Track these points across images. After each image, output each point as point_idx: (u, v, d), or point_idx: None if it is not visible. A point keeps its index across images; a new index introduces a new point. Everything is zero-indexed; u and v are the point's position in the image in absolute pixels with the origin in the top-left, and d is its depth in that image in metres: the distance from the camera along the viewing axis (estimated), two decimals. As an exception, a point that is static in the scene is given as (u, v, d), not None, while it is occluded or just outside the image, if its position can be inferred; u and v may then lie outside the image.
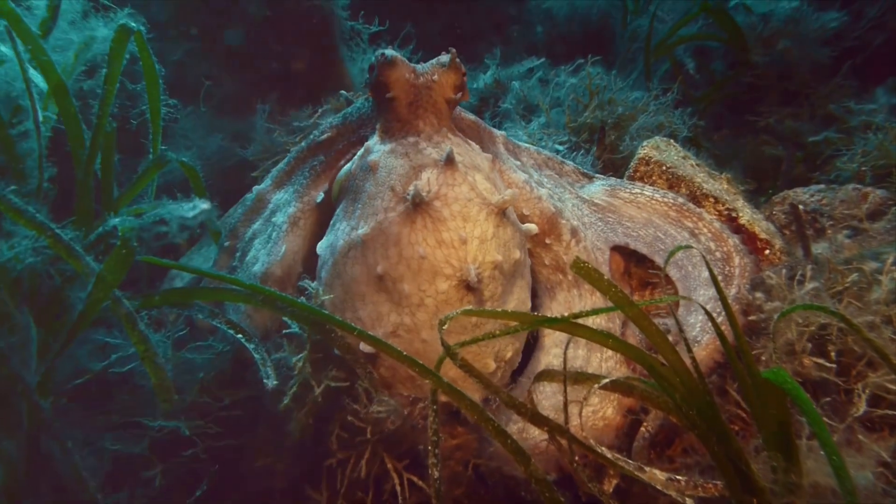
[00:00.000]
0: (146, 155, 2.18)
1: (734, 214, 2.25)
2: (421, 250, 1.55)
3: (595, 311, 1.48)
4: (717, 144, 3.20)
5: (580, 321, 1.46)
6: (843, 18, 3.05)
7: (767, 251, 2.22)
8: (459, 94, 1.78)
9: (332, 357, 1.70)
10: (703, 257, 1.57)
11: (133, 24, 1.71)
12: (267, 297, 1.71)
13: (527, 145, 2.23)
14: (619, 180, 2.23)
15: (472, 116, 2.07)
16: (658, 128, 2.88)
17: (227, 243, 2.09)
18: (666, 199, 2.13)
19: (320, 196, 1.95)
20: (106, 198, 1.82)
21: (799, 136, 2.99)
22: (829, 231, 2.29)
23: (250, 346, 1.71)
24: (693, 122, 2.86)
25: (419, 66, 1.75)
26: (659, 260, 2.06)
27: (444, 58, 1.77)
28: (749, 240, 2.18)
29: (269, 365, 1.59)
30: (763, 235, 2.23)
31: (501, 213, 1.62)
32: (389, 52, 1.73)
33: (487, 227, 1.59)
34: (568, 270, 1.99)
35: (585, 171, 2.29)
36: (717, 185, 2.38)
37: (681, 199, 2.13)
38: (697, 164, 2.44)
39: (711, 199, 2.26)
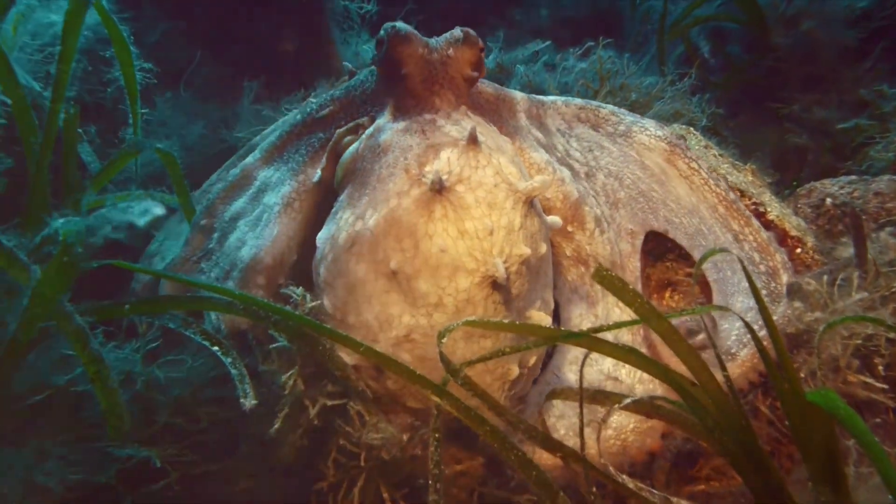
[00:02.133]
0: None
1: (762, 209, 2.06)
2: (440, 242, 1.36)
3: (618, 325, 1.30)
4: (736, 132, 3.00)
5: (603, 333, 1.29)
6: (874, -3, 2.85)
7: (799, 249, 2.03)
8: (476, 72, 1.62)
9: (326, 369, 1.52)
10: (743, 265, 1.37)
11: None
12: (250, 306, 1.53)
13: (554, 98, 2.02)
14: (679, 137, 1.98)
15: (490, 88, 1.88)
16: (674, 115, 2.68)
17: (203, 221, 1.86)
18: (719, 190, 1.93)
19: (317, 175, 1.72)
20: (67, 192, 1.62)
21: (826, 124, 2.79)
22: (866, 228, 2.10)
23: (227, 361, 1.53)
24: (712, 111, 2.66)
25: (432, 41, 1.59)
26: (698, 257, 1.88)
27: (458, 32, 1.60)
28: (779, 237, 2.00)
29: (247, 382, 1.41)
30: (794, 233, 2.05)
31: (529, 201, 1.44)
32: (401, 24, 1.57)
33: (515, 216, 1.41)
34: (591, 262, 1.80)
35: (627, 114, 2.03)
36: (741, 177, 2.18)
37: (732, 195, 1.93)
38: (720, 155, 2.25)
39: (737, 193, 2.07)
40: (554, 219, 1.67)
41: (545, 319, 1.48)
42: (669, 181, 1.94)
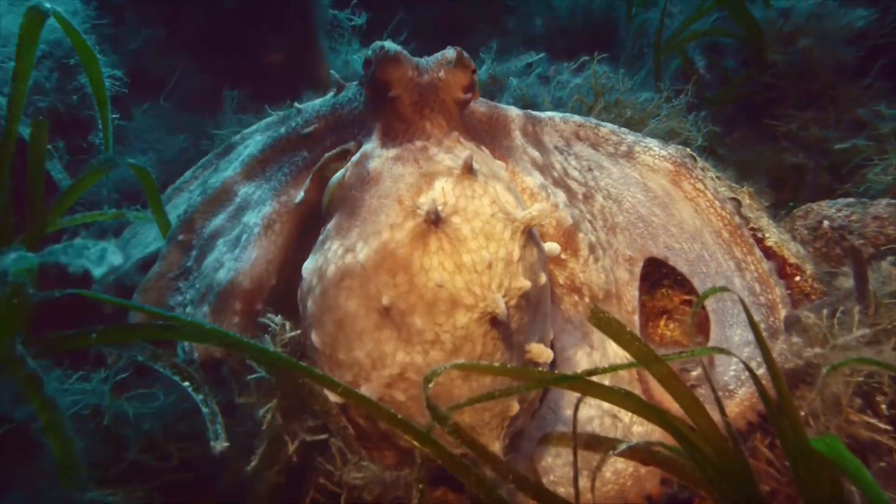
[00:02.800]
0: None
1: (760, 235, 2.00)
2: (437, 276, 1.30)
3: (614, 368, 1.23)
4: (731, 150, 2.95)
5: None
6: (873, 16, 2.79)
7: (798, 277, 1.98)
8: (469, 95, 1.56)
9: (306, 403, 1.44)
10: (741, 299, 1.31)
11: (47, 5, 1.40)
12: (226, 339, 1.45)
13: (552, 115, 1.95)
14: (685, 155, 1.92)
15: (482, 107, 1.81)
16: (669, 134, 2.63)
17: (180, 236, 1.77)
18: (724, 213, 1.87)
19: (300, 196, 1.65)
20: (32, 215, 1.52)
21: (823, 143, 2.74)
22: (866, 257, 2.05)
23: (198, 398, 1.44)
24: (708, 129, 2.60)
25: (422, 62, 1.54)
26: (698, 285, 1.82)
27: (450, 52, 1.54)
28: (777, 264, 1.94)
29: (218, 422, 1.32)
30: (793, 260, 1.99)
31: (528, 230, 1.39)
32: (389, 44, 1.50)
33: (513, 247, 1.35)
34: (584, 291, 1.74)
35: (628, 133, 1.97)
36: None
37: (738, 219, 1.87)
38: (717, 177, 2.18)
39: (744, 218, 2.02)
40: (552, 245, 1.61)
41: (545, 353, 1.42)
42: (673, 204, 1.88)
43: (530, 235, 1.41)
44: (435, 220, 1.31)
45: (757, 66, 3.03)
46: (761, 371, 1.68)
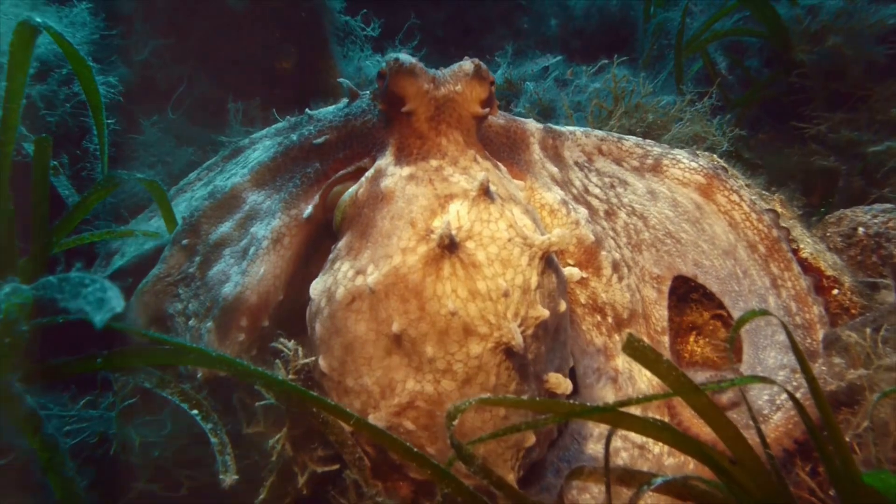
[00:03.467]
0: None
1: (794, 246, 1.90)
2: (450, 304, 1.24)
3: (649, 398, 1.14)
4: (757, 153, 2.84)
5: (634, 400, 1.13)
6: (905, 12, 2.68)
7: (836, 291, 1.88)
8: (487, 109, 1.50)
9: (317, 431, 1.38)
10: (787, 329, 1.22)
11: (38, 19, 1.34)
12: (233, 366, 1.38)
13: (573, 129, 1.88)
14: (717, 167, 1.83)
15: (500, 120, 1.75)
16: (693, 139, 2.53)
17: (185, 240, 1.71)
18: (761, 227, 1.77)
19: (308, 210, 1.59)
20: (36, 238, 1.47)
21: (855, 146, 2.63)
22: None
23: (207, 427, 1.38)
24: (735, 133, 2.51)
25: (437, 73, 1.48)
26: (729, 304, 1.74)
27: (467, 65, 1.48)
28: (813, 277, 1.84)
29: (228, 453, 1.26)
30: (830, 272, 1.89)
31: (546, 256, 1.33)
32: (404, 56, 1.45)
33: (531, 274, 1.29)
34: (608, 311, 1.67)
35: (655, 145, 1.89)
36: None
37: (776, 232, 1.77)
38: (746, 185, 2.09)
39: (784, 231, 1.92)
40: (572, 270, 1.55)
41: (563, 383, 1.36)
42: (704, 218, 1.80)
43: (549, 261, 1.35)
44: (449, 245, 1.25)
45: (783, 65, 2.92)
46: (799, 394, 1.60)
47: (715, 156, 1.97)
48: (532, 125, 1.79)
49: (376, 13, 3.25)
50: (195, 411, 1.38)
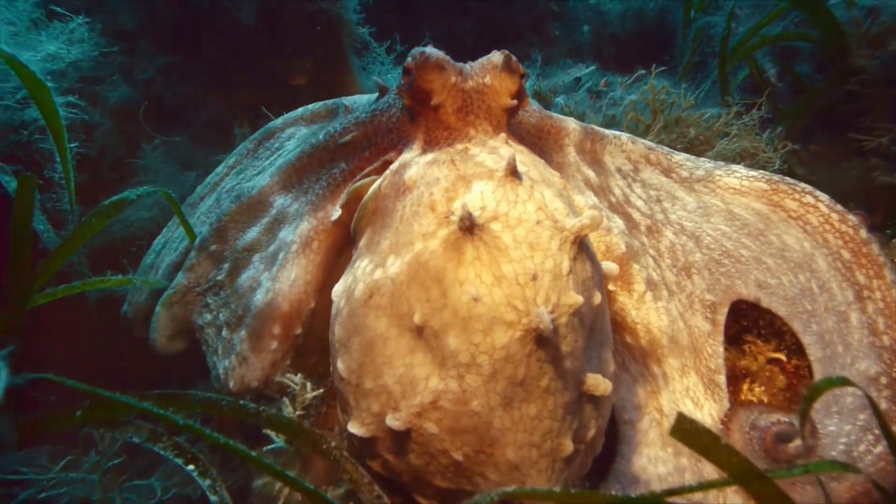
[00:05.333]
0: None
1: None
2: (473, 290, 1.15)
3: (708, 485, 0.94)
4: (811, 169, 2.60)
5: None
6: (980, 11, 2.42)
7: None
8: (517, 102, 1.46)
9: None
10: (873, 403, 1.01)
11: None
12: (234, 407, 1.32)
13: (619, 134, 1.74)
14: (781, 178, 1.67)
15: (532, 118, 1.64)
16: (741, 155, 2.31)
17: (212, 246, 1.68)
18: (845, 228, 1.58)
19: (336, 212, 1.55)
20: (13, 284, 1.34)
21: (924, 162, 2.38)
22: None
23: (204, 484, 1.27)
24: (788, 149, 2.28)
25: (466, 66, 1.46)
26: (799, 328, 1.55)
27: (496, 56, 1.45)
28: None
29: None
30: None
31: (579, 241, 1.22)
32: (431, 50, 1.44)
33: (562, 258, 1.19)
34: (639, 332, 1.52)
35: (706, 161, 1.75)
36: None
37: (864, 233, 1.57)
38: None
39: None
40: (610, 265, 1.38)
41: (602, 384, 1.23)
42: (771, 229, 1.62)
43: (582, 247, 1.24)
44: (469, 227, 1.16)
45: (838, 72, 2.67)
46: (880, 449, 1.38)
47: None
48: (571, 124, 1.67)
49: (400, 24, 3.11)
50: (191, 466, 1.28)
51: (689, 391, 1.53)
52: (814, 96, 2.70)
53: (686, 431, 0.90)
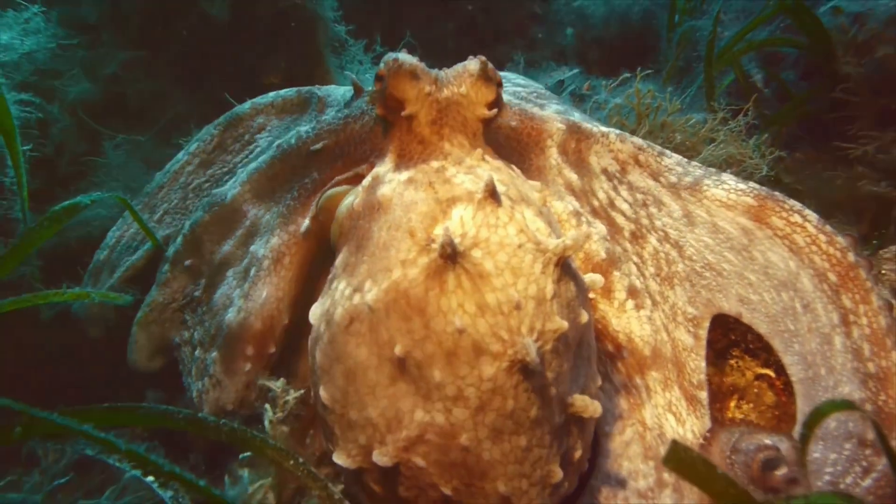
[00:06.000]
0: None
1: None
2: (457, 321, 1.13)
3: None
4: (797, 178, 2.56)
5: None
6: (968, 19, 2.39)
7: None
8: (494, 111, 1.43)
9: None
10: (877, 427, 0.94)
11: None
12: (192, 420, 1.24)
13: (607, 131, 1.68)
14: (770, 193, 1.62)
15: (513, 120, 1.60)
16: (727, 161, 2.26)
17: (188, 261, 1.64)
18: (832, 251, 1.54)
19: (305, 224, 1.53)
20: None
21: (911, 171, 2.34)
22: None
23: (166, 496, 1.19)
24: (776, 155, 2.23)
25: (440, 74, 1.42)
26: (780, 347, 1.50)
27: (472, 64, 1.41)
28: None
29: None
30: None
31: (562, 262, 1.21)
32: (403, 56, 1.40)
33: (545, 282, 1.18)
34: (621, 341, 1.48)
35: (698, 166, 1.70)
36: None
37: (852, 256, 1.52)
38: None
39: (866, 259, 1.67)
40: (594, 277, 1.34)
41: (590, 405, 1.21)
42: (755, 245, 1.58)
43: (566, 267, 1.22)
44: (451, 255, 1.13)
45: (824, 79, 2.63)
46: (868, 482, 1.32)
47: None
48: (553, 124, 1.62)
49: (380, 24, 3.03)
50: (150, 478, 1.17)
51: (672, 406, 1.48)
52: (799, 103, 2.66)
53: (680, 460, 0.83)
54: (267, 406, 1.44)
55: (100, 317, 1.77)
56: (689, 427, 1.46)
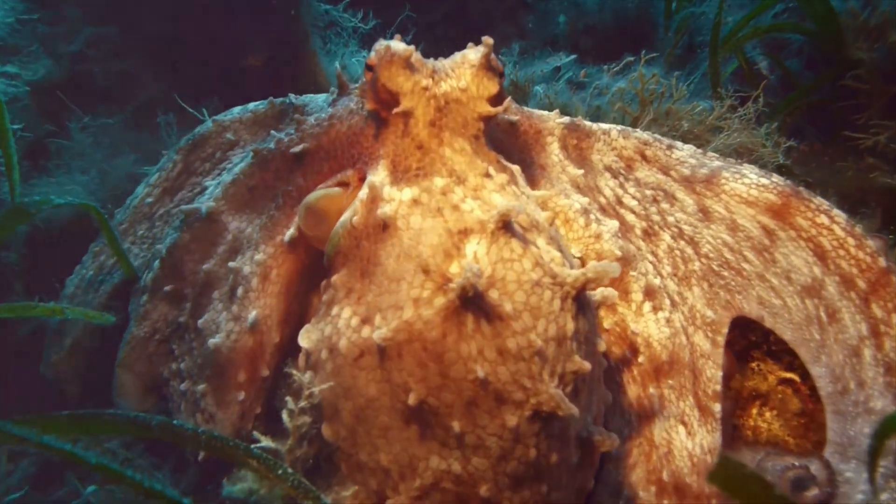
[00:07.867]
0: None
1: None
2: (477, 368, 1.08)
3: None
4: (806, 169, 2.45)
5: None
6: (985, 3, 2.29)
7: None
8: (496, 107, 1.32)
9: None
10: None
11: None
12: (167, 428, 1.14)
13: (608, 127, 1.60)
14: (794, 190, 1.51)
15: (511, 118, 1.51)
16: (737, 151, 2.14)
17: (167, 287, 1.49)
18: (862, 255, 1.44)
19: (289, 234, 1.40)
20: None
21: (926, 161, 2.25)
22: None
23: None
24: (787, 144, 2.13)
25: (438, 65, 1.31)
26: (807, 358, 1.41)
27: (473, 54, 1.30)
28: None
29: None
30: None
31: (580, 294, 1.15)
32: (396, 44, 1.29)
33: (565, 320, 1.13)
34: (639, 346, 1.39)
35: (716, 158, 1.60)
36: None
37: (883, 262, 1.43)
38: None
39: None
40: (607, 292, 1.25)
41: (607, 440, 1.19)
42: (777, 247, 1.48)
43: (581, 301, 1.16)
44: (472, 298, 1.06)
45: (833, 66, 2.53)
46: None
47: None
48: (552, 122, 1.55)
49: (367, 8, 2.87)
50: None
51: (685, 416, 1.38)
52: (806, 92, 2.55)
53: (730, 478, 0.70)
54: (288, 398, 1.29)
55: (72, 373, 1.61)
56: (698, 441, 1.36)
